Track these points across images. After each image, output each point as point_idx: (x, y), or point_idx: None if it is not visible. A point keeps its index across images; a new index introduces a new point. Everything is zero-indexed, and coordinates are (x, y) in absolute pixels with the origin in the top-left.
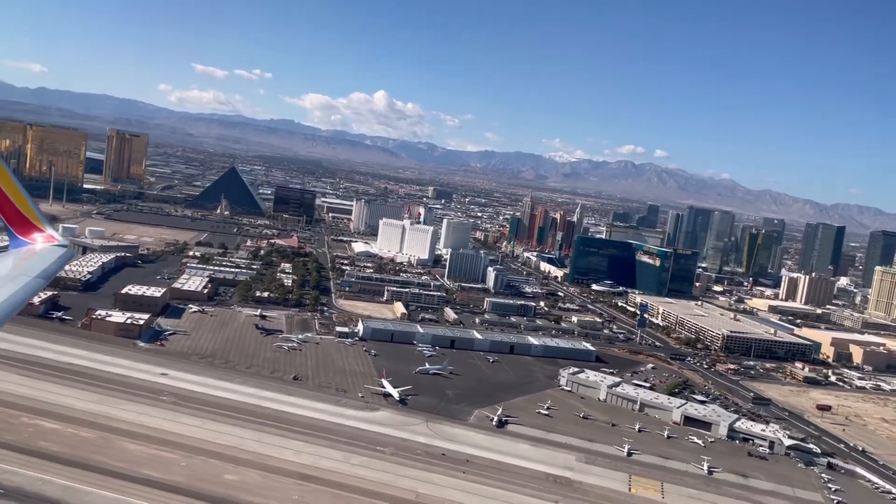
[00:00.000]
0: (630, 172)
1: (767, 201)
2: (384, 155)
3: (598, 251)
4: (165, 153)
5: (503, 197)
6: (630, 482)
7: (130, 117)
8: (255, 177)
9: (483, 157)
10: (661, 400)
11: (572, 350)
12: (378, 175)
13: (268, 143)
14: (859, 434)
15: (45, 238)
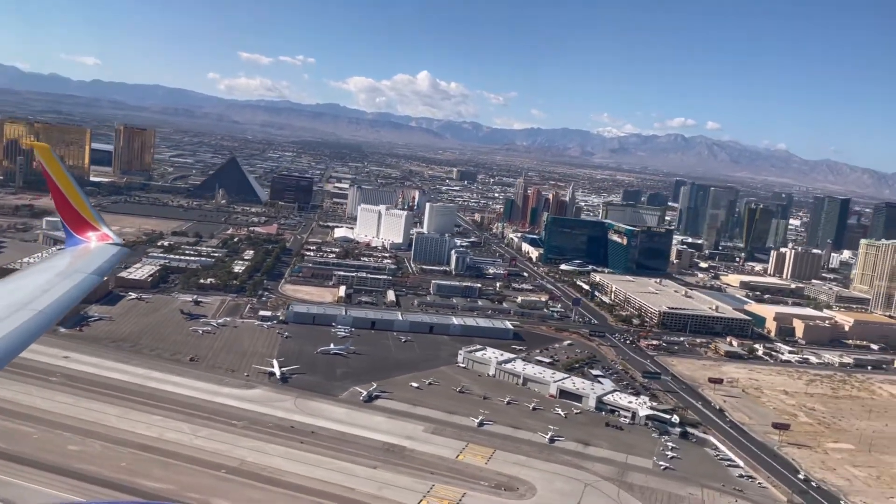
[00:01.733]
0: (680, 146)
1: (824, 171)
2: (428, 136)
3: (571, 231)
4: (201, 142)
5: (537, 175)
6: (463, 450)
7: (179, 106)
8: (279, 164)
9: (529, 134)
10: (543, 375)
11: (491, 329)
12: (415, 157)
13: (312, 128)
14: (745, 406)
15: (99, 237)
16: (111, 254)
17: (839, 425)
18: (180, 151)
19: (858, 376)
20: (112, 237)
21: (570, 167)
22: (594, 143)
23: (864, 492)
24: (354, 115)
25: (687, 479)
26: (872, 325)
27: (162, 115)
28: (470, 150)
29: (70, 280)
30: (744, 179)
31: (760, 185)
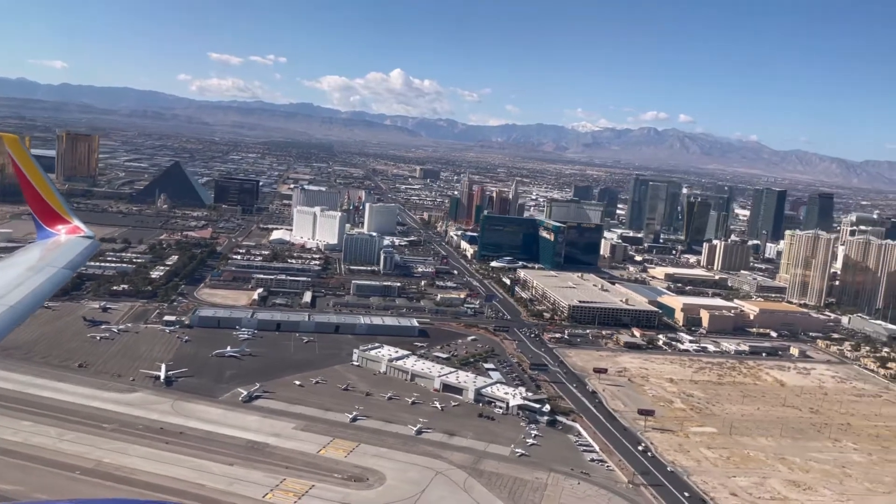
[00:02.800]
0: (652, 139)
1: (793, 162)
2: (402, 134)
3: (504, 228)
4: (163, 145)
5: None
6: (328, 445)
7: (150, 108)
8: (239, 166)
9: (504, 131)
10: (430, 370)
11: (397, 327)
12: (386, 156)
13: (284, 128)
14: (625, 394)
15: (70, 230)
16: (83, 247)
17: (710, 410)
18: (138, 155)
19: (750, 363)
20: (83, 230)
21: (543, 162)
22: (568, 137)
23: (709, 472)
24: (328, 115)
25: (539, 464)
26: (777, 314)
27: (130, 118)
28: (444, 148)
29: (41, 274)
30: (714, 171)
31: (730, 176)
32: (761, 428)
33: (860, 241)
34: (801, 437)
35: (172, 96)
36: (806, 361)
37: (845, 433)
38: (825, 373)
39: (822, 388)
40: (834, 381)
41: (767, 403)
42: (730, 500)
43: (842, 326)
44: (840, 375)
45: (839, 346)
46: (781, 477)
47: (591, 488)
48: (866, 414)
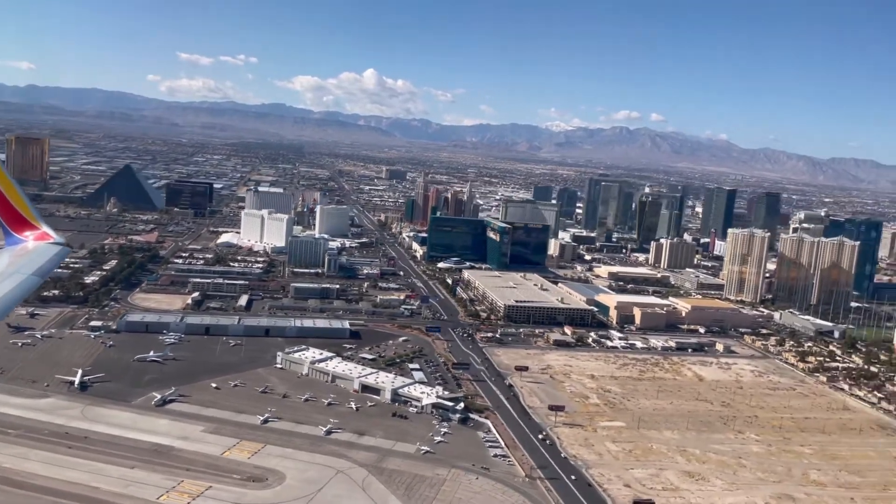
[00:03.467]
0: (624, 138)
1: (762, 160)
2: (376, 134)
3: (452, 229)
4: (126, 147)
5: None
6: (233, 447)
7: (118, 110)
8: (202, 168)
9: (478, 130)
10: (351, 372)
11: (328, 329)
12: (357, 156)
13: (255, 128)
14: (544, 391)
15: (39, 236)
16: (52, 253)
17: (624, 405)
18: (98, 158)
19: (674, 359)
20: (53, 236)
21: (515, 162)
22: (542, 137)
23: (608, 464)
24: (301, 115)
25: (442, 461)
26: (708, 311)
27: (97, 120)
28: (417, 148)
29: (9, 281)
30: (683, 170)
31: (699, 174)
32: (670, 422)
33: (794, 239)
34: (706, 430)
35: (141, 97)
36: (729, 356)
37: (750, 425)
38: (745, 367)
39: (739, 382)
40: (752, 375)
41: (682, 398)
42: (622, 491)
43: (773, 322)
44: (759, 370)
45: (765, 342)
46: (678, 468)
47: (488, 483)
48: (775, 406)
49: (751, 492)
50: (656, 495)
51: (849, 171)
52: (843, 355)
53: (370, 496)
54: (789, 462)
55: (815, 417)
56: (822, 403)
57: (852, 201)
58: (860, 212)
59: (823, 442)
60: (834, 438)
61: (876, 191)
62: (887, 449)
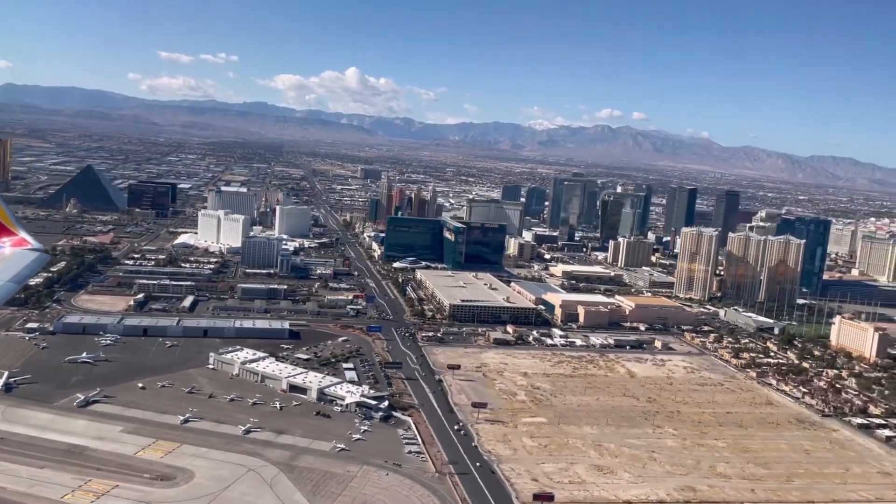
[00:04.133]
0: (606, 137)
1: (741, 158)
2: (358, 133)
3: (409, 230)
4: (101, 147)
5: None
6: (149, 446)
7: (97, 109)
8: (173, 168)
9: (461, 129)
10: (280, 372)
11: (267, 330)
12: (337, 155)
13: (236, 127)
14: (473, 389)
15: (16, 242)
16: (30, 259)
17: (550, 401)
18: (69, 158)
19: (610, 356)
20: (31, 242)
21: (496, 161)
22: (525, 136)
23: (521, 459)
24: (283, 114)
25: (356, 458)
26: (652, 309)
27: (75, 119)
28: (398, 147)
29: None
30: (664, 168)
31: (679, 172)
32: (592, 417)
33: (741, 238)
34: (625, 425)
35: (121, 96)
36: (666, 353)
37: (671, 420)
38: (679, 364)
39: (670, 378)
40: (684, 371)
41: (609, 394)
42: (528, 485)
43: (718, 319)
44: (693, 366)
45: (704, 339)
46: (589, 462)
47: (396, 478)
48: (700, 402)
49: (655, 484)
50: (561, 489)
51: (827, 168)
52: (778, 351)
53: (276, 493)
54: (700, 455)
55: (737, 412)
56: (747, 398)
57: (827, 199)
58: (833, 209)
59: (738, 436)
60: (750, 432)
61: (853, 188)
62: (800, 442)
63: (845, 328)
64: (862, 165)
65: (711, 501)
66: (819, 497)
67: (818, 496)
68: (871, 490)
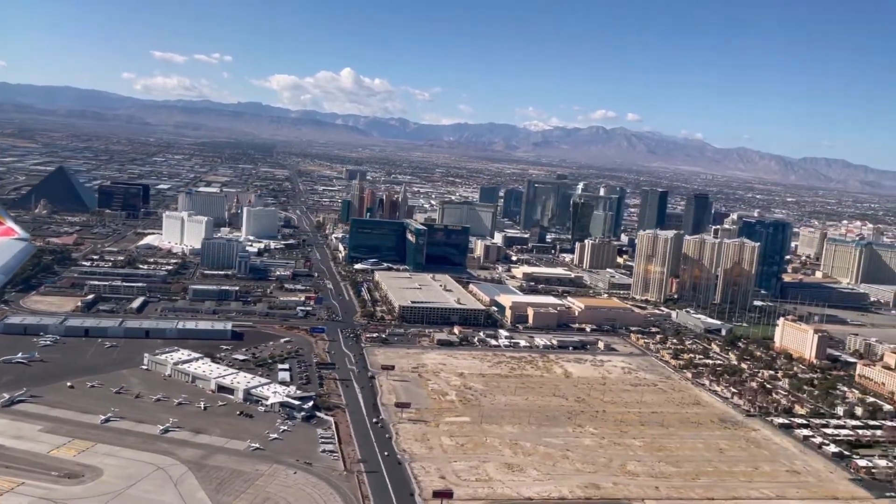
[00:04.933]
0: (601, 138)
1: (734, 160)
2: (352, 134)
3: (372, 231)
4: (87, 147)
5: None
6: (63, 445)
7: (91, 108)
8: (156, 168)
9: (456, 130)
10: (210, 373)
11: (209, 331)
12: (329, 156)
13: (230, 127)
14: (405, 389)
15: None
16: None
17: (479, 401)
18: (52, 159)
19: (552, 356)
20: (18, 231)
21: (488, 162)
22: (519, 137)
23: (434, 458)
24: (277, 114)
25: (268, 457)
26: (601, 310)
27: (68, 118)
28: (392, 147)
29: None
30: (656, 169)
31: (671, 174)
32: (517, 417)
33: (696, 240)
34: (547, 424)
35: (116, 95)
36: (608, 354)
37: (594, 419)
38: (618, 364)
39: (605, 378)
40: (621, 371)
41: (540, 394)
42: (434, 483)
43: (670, 321)
44: (631, 367)
45: (649, 340)
46: (501, 461)
47: (303, 477)
48: (628, 402)
49: (560, 482)
50: (466, 486)
51: (820, 170)
52: (721, 353)
53: (179, 491)
54: (614, 454)
55: (662, 412)
56: (676, 399)
57: (815, 201)
58: (819, 211)
59: (657, 435)
60: (670, 431)
61: (844, 190)
62: (717, 441)
63: (788, 330)
64: (854, 167)
65: (612, 498)
66: (720, 494)
67: (719, 494)
68: (774, 488)
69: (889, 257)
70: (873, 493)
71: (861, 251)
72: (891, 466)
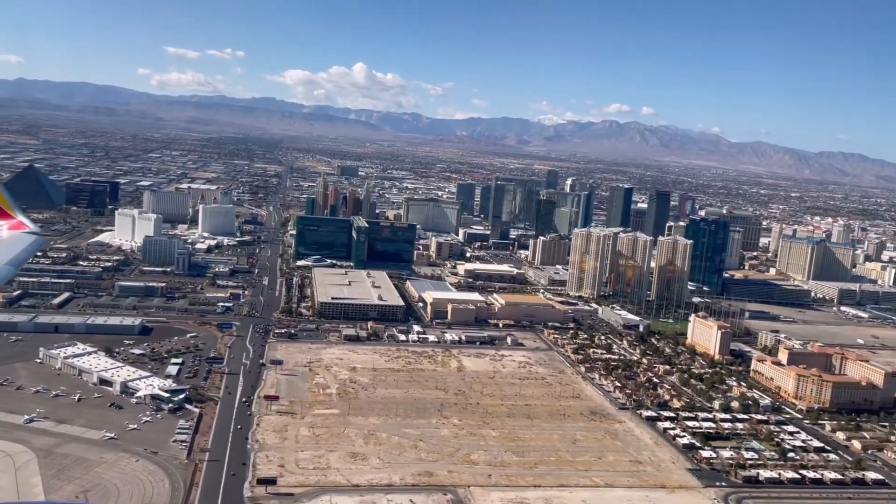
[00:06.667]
0: (614, 132)
1: (749, 154)
2: (365, 129)
3: (319, 228)
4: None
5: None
6: None
7: (106, 104)
8: (148, 164)
9: (469, 124)
10: (96, 366)
11: (118, 326)
12: (336, 152)
13: (241, 123)
14: (289, 382)
15: (14, 225)
16: (27, 243)
17: (357, 394)
18: (45, 155)
19: (454, 351)
20: (28, 225)
21: (495, 157)
22: (532, 131)
23: (283, 448)
24: (290, 109)
25: (119, 446)
26: (521, 306)
27: (81, 114)
28: (401, 142)
29: None
30: (669, 164)
31: (683, 168)
32: (387, 409)
33: (630, 238)
34: (413, 416)
35: (132, 91)
36: (514, 349)
37: (463, 411)
38: (518, 359)
39: (497, 372)
40: (517, 366)
41: (423, 387)
42: (271, 471)
43: (596, 317)
44: (530, 361)
45: (560, 335)
46: (349, 450)
47: (144, 465)
48: (507, 395)
49: (396, 470)
50: (300, 474)
51: (836, 164)
52: (629, 348)
53: (16, 477)
54: (465, 444)
55: (535, 404)
56: (558, 392)
57: (820, 195)
58: (820, 207)
59: (518, 426)
60: (534, 423)
61: (857, 185)
62: (575, 432)
63: (698, 326)
64: (871, 162)
65: (438, 485)
66: (549, 482)
67: (549, 481)
68: (608, 476)
69: (842, 254)
70: (704, 482)
71: (813, 249)
72: (733, 458)
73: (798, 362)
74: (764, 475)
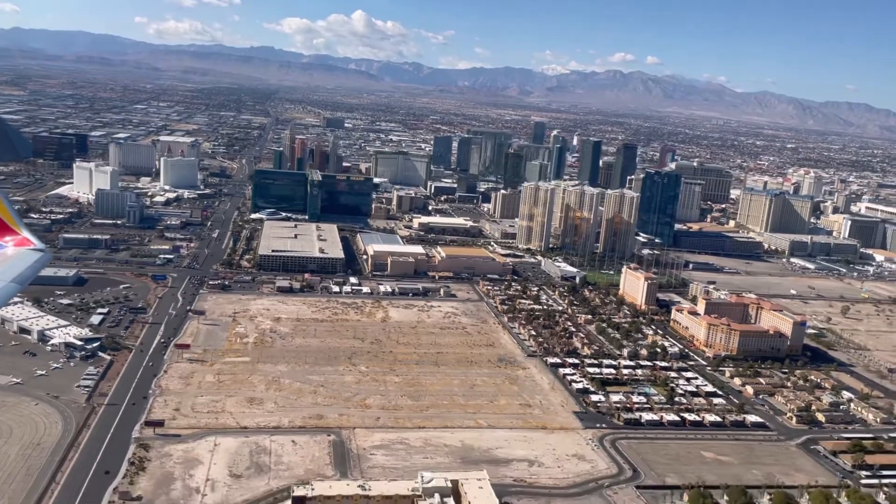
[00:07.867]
0: (617, 82)
1: (753, 104)
2: (364, 79)
3: (275, 182)
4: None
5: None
6: None
7: (102, 54)
8: (132, 116)
9: (471, 74)
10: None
11: (51, 277)
12: (330, 103)
13: (238, 72)
14: (209, 332)
15: (19, 242)
16: (33, 260)
17: (273, 343)
18: (27, 107)
19: (384, 303)
20: (34, 242)
21: (493, 108)
22: (534, 81)
23: (182, 393)
24: (289, 59)
25: (22, 391)
26: (461, 259)
27: (76, 64)
28: (401, 93)
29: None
30: (670, 114)
31: (684, 119)
32: (298, 357)
33: (577, 191)
34: (322, 363)
35: (129, 40)
36: (445, 300)
37: (374, 359)
38: (445, 309)
39: (421, 322)
40: (441, 316)
41: (341, 336)
42: (165, 415)
43: (539, 269)
44: (457, 312)
45: (493, 287)
46: (247, 396)
47: (42, 408)
48: (423, 343)
49: (287, 413)
50: (192, 417)
51: (840, 115)
52: (560, 298)
53: None
54: (364, 389)
55: (448, 352)
56: (474, 341)
57: (818, 146)
58: (814, 158)
59: (422, 373)
60: (440, 370)
61: (859, 136)
62: (476, 378)
63: (628, 277)
64: (876, 111)
65: (325, 427)
66: (435, 424)
67: (435, 423)
68: (493, 419)
69: (800, 207)
70: (585, 423)
71: (771, 201)
72: (620, 402)
73: (715, 312)
74: (646, 418)
